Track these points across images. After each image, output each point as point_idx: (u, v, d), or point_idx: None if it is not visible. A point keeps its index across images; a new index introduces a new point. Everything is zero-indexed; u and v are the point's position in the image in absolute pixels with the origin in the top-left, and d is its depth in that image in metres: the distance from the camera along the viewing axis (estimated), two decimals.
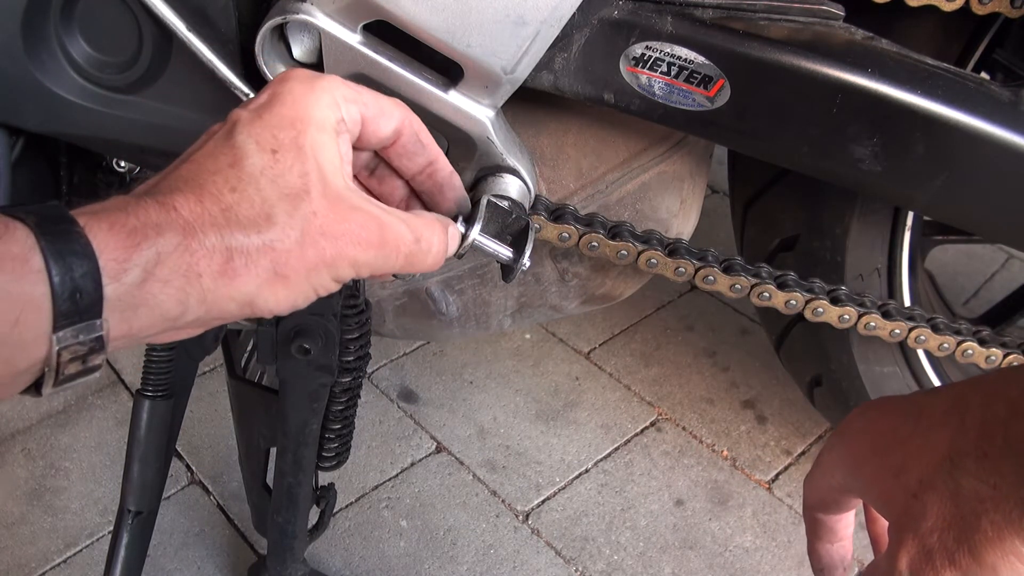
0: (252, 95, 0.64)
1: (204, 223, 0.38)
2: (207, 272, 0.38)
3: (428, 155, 0.50)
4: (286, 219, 0.40)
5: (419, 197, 0.52)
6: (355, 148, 0.47)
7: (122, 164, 0.72)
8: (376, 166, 0.51)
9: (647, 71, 0.69)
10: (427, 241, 0.45)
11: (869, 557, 0.49)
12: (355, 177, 0.51)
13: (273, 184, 0.40)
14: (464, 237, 0.52)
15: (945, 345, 0.93)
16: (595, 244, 0.80)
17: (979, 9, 0.78)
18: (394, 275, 0.60)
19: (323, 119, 0.42)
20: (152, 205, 0.38)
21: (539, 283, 0.90)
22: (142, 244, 0.36)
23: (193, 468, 1.32)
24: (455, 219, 0.53)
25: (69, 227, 0.35)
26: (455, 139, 0.67)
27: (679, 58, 0.69)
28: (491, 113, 0.66)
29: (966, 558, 0.37)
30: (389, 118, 0.46)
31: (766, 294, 0.85)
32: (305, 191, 0.40)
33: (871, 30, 0.74)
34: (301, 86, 0.43)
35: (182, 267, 0.37)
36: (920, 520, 0.39)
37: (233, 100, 0.65)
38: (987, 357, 0.94)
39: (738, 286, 0.84)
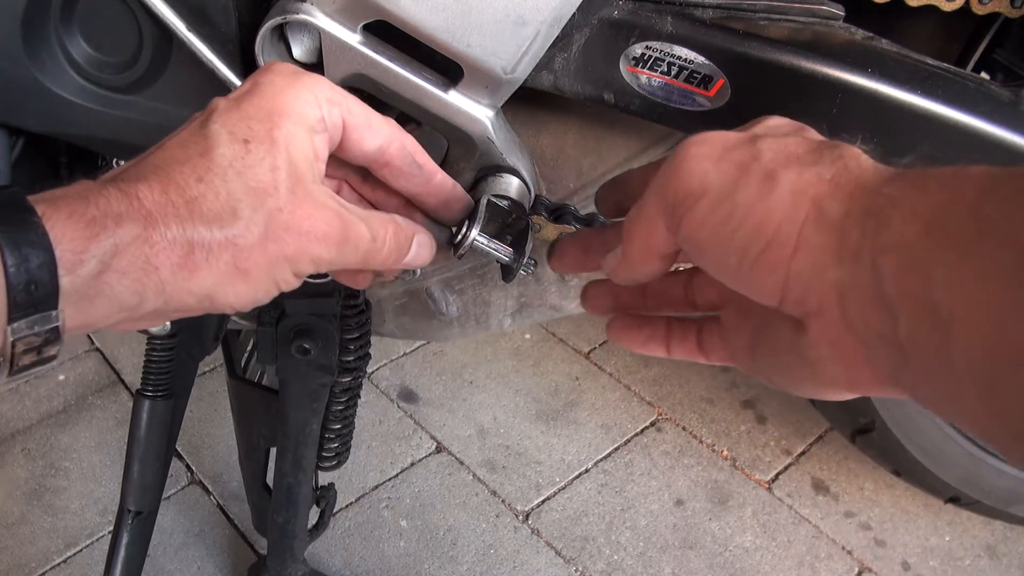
0: None
1: (167, 214, 0.38)
2: (165, 265, 0.37)
3: (426, 175, 0.49)
4: (250, 214, 0.39)
5: (419, 208, 0.52)
6: (339, 158, 0.47)
7: (122, 164, 0.72)
8: (367, 175, 0.50)
9: (647, 71, 0.69)
10: (381, 240, 0.45)
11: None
12: (346, 183, 0.51)
13: (240, 177, 0.39)
14: (464, 237, 0.52)
15: None
16: None
17: (979, 9, 0.78)
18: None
19: (301, 114, 0.42)
20: (114, 193, 0.37)
21: (539, 283, 0.90)
22: (100, 235, 0.36)
23: (193, 468, 1.32)
24: (461, 225, 0.53)
25: (27, 216, 0.35)
26: (455, 139, 0.67)
27: (679, 58, 0.69)
28: (491, 113, 0.66)
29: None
30: (375, 133, 0.46)
31: None
32: (273, 186, 0.40)
33: (871, 30, 0.74)
34: (283, 79, 0.42)
35: (140, 259, 0.37)
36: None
37: None
38: None
39: None
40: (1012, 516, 1.19)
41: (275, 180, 0.40)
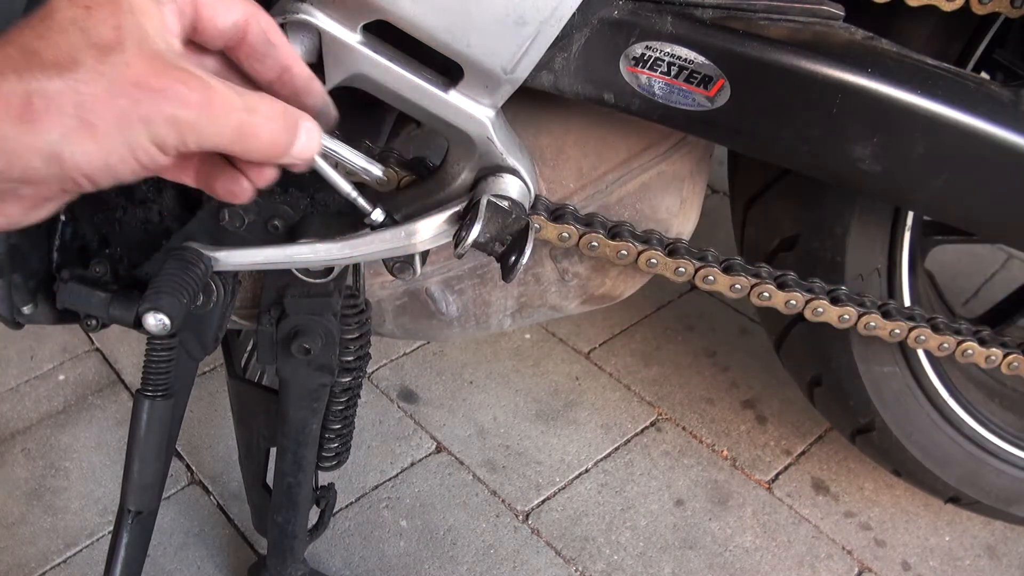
0: None
1: (2, 67, 0.37)
2: (4, 117, 0.36)
3: (279, 58, 0.48)
4: (94, 64, 0.38)
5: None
6: (198, 46, 0.46)
7: None
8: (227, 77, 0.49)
9: (647, 71, 0.69)
10: (263, 115, 0.43)
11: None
12: None
13: (83, 34, 0.38)
14: (464, 238, 0.52)
15: (945, 345, 0.93)
16: (595, 244, 0.80)
17: (979, 9, 0.78)
18: (393, 275, 0.60)
19: None
20: None
21: (539, 283, 0.90)
22: None
23: (193, 468, 1.32)
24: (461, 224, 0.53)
25: None
26: (455, 139, 0.67)
27: (679, 58, 0.69)
28: (491, 113, 0.66)
29: None
30: (229, 9, 0.45)
31: (766, 294, 0.85)
32: (118, 43, 0.39)
33: (871, 30, 0.74)
34: None
35: None
36: None
37: None
38: (987, 357, 0.94)
39: (738, 286, 0.84)
40: (1012, 516, 1.19)
41: (120, 37, 0.39)
